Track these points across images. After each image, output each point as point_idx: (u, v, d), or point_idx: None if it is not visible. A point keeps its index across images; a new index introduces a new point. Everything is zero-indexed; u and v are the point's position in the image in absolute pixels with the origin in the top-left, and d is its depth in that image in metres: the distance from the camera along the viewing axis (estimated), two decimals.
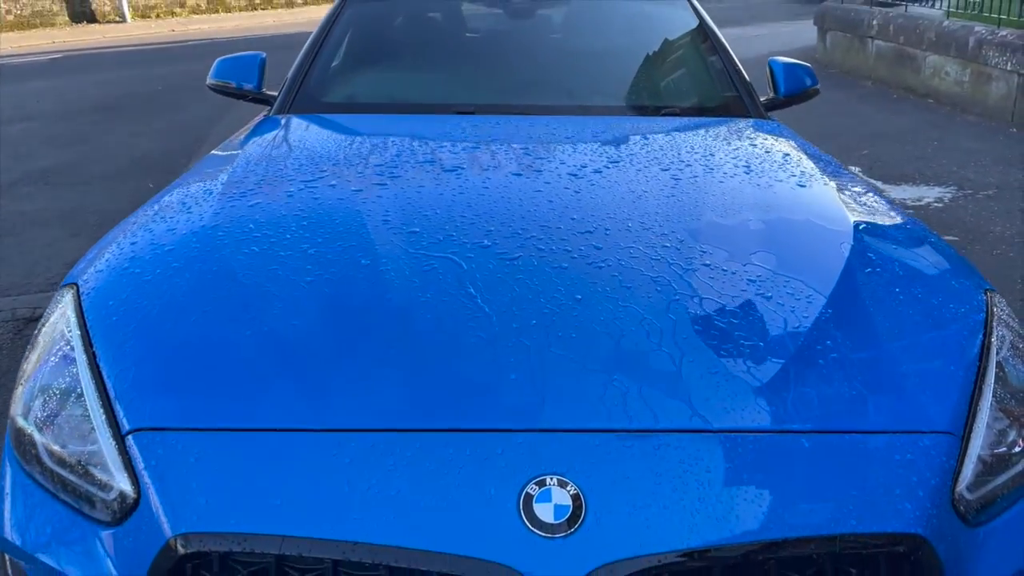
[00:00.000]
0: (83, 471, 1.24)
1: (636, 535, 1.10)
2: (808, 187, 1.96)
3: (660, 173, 1.95)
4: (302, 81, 2.63)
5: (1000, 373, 1.38)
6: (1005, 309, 1.56)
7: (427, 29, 3.11)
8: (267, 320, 1.38)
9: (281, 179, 1.90)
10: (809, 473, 1.18)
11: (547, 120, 2.39)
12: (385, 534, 1.09)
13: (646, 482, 1.14)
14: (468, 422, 1.21)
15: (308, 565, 1.10)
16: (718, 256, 1.57)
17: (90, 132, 7.09)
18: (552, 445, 1.17)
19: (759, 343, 1.34)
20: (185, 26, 16.90)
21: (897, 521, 1.15)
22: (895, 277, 1.57)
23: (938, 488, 1.20)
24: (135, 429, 1.22)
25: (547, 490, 1.12)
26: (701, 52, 2.88)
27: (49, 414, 1.31)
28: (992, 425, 1.31)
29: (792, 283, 1.50)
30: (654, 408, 1.22)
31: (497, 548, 1.08)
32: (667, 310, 1.40)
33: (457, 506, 1.11)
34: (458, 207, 1.73)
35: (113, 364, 1.32)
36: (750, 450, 1.18)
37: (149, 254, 1.59)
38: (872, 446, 1.22)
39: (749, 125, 2.46)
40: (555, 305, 1.40)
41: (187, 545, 1.11)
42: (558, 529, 1.10)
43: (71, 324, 1.42)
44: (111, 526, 1.19)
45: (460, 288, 1.44)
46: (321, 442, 1.18)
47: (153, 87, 9.34)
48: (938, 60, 7.36)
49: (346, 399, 1.24)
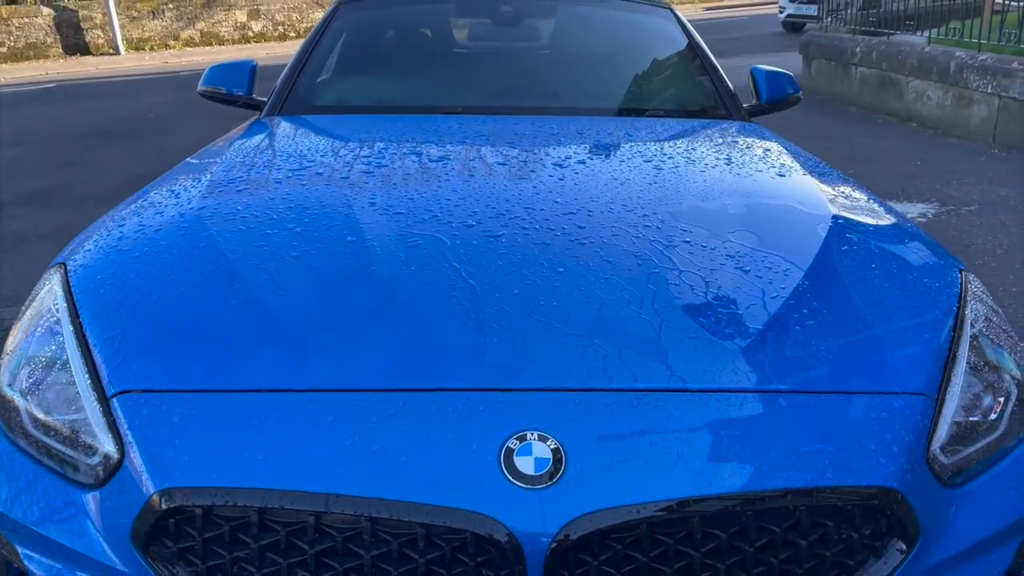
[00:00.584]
0: (68, 436, 1.24)
1: (615, 487, 1.11)
2: (788, 176, 2.00)
3: (643, 164, 1.99)
4: (292, 86, 2.67)
5: (974, 344, 1.41)
6: (979, 286, 1.59)
7: (417, 36, 3.17)
8: (252, 290, 1.39)
9: (270, 168, 1.93)
10: (785, 430, 1.19)
11: (532, 119, 2.43)
12: (367, 486, 1.10)
13: (626, 438, 1.16)
14: (450, 382, 1.22)
15: (291, 519, 1.11)
16: (698, 234, 1.60)
17: (82, 156, 7.14)
18: (533, 403, 1.19)
19: (737, 311, 1.37)
20: (179, 58, 17.06)
21: (872, 475, 1.17)
22: (872, 254, 1.60)
23: (912, 446, 1.22)
24: (120, 392, 1.23)
25: (528, 444, 1.13)
26: (685, 60, 2.94)
27: (35, 382, 1.32)
28: (966, 391, 1.33)
29: (771, 258, 1.52)
30: (634, 369, 1.24)
31: (478, 499, 1.09)
32: (647, 281, 1.42)
33: (439, 459, 1.12)
34: (443, 192, 1.76)
35: (99, 332, 1.33)
36: (728, 408, 1.20)
37: (137, 234, 1.61)
38: (847, 405, 1.24)
39: (732, 126, 2.51)
40: (538, 277, 1.42)
41: (169, 500, 1.12)
42: (538, 481, 1.11)
43: (58, 298, 1.43)
44: (94, 488, 1.20)
45: (444, 261, 1.46)
46: (304, 401, 1.20)
47: (145, 114, 9.42)
48: (920, 85, 7.49)
49: (329, 361, 1.25)
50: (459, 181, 1.83)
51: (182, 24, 19.45)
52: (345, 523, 1.10)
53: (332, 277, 1.44)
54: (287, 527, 1.11)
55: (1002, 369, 1.41)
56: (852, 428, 1.21)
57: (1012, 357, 1.44)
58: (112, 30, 18.11)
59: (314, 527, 1.10)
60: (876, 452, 1.19)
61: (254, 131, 2.37)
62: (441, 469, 1.12)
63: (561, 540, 1.08)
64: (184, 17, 19.46)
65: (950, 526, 1.24)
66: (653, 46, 3.01)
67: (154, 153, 7.05)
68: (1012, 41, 6.55)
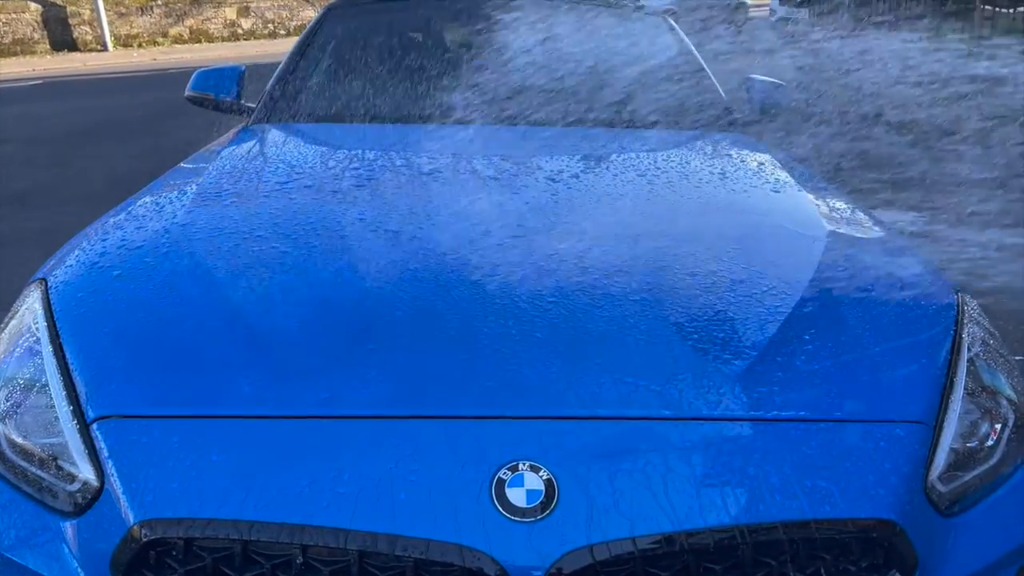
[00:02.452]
0: (47, 462, 1.21)
1: (609, 520, 1.09)
2: (782, 193, 1.98)
3: (636, 179, 1.97)
4: (281, 92, 2.64)
5: (971, 368, 1.39)
6: (976, 309, 1.57)
7: (408, 43, 3.14)
8: (235, 313, 1.36)
9: (257, 182, 1.90)
10: (782, 460, 1.17)
11: (524, 129, 2.41)
12: (354, 519, 1.07)
13: (619, 468, 1.13)
14: (439, 409, 1.19)
15: (275, 551, 1.08)
16: (692, 256, 1.58)
17: (68, 156, 7.05)
18: (524, 432, 1.16)
19: (732, 335, 1.35)
20: (167, 55, 16.96)
21: (870, 507, 1.15)
22: (868, 277, 1.58)
23: (911, 476, 1.20)
24: (99, 417, 1.20)
25: (519, 475, 1.11)
26: (678, 69, 2.93)
27: (13, 404, 1.28)
28: (964, 417, 1.31)
29: (766, 280, 1.51)
30: (626, 396, 1.21)
31: (469, 532, 1.07)
32: (640, 306, 1.40)
33: (428, 491, 1.10)
34: (433, 210, 1.73)
35: (79, 355, 1.29)
36: (722, 437, 1.18)
37: (119, 251, 1.57)
38: (845, 434, 1.22)
39: (726, 138, 2.50)
40: (529, 302, 1.40)
41: (150, 532, 1.09)
42: (530, 513, 1.08)
43: (38, 317, 1.40)
44: (73, 516, 1.17)
45: (434, 284, 1.44)
46: (288, 429, 1.17)
47: (133, 113, 9.33)
48: None
49: (314, 387, 1.22)
50: (449, 198, 1.80)
51: (171, 21, 19.35)
52: (332, 556, 1.07)
53: (318, 300, 1.41)
54: (271, 560, 1.08)
55: (999, 394, 1.39)
56: (850, 458, 1.19)
57: (1009, 381, 1.43)
58: (100, 26, 18.00)
59: (300, 561, 1.07)
60: (874, 483, 1.17)
61: (242, 139, 2.33)
62: (431, 500, 1.09)
63: (554, 575, 1.06)
64: (173, 14, 19.36)
65: (948, 556, 1.22)
66: (647, 56, 2.99)
67: (141, 153, 6.98)
68: None
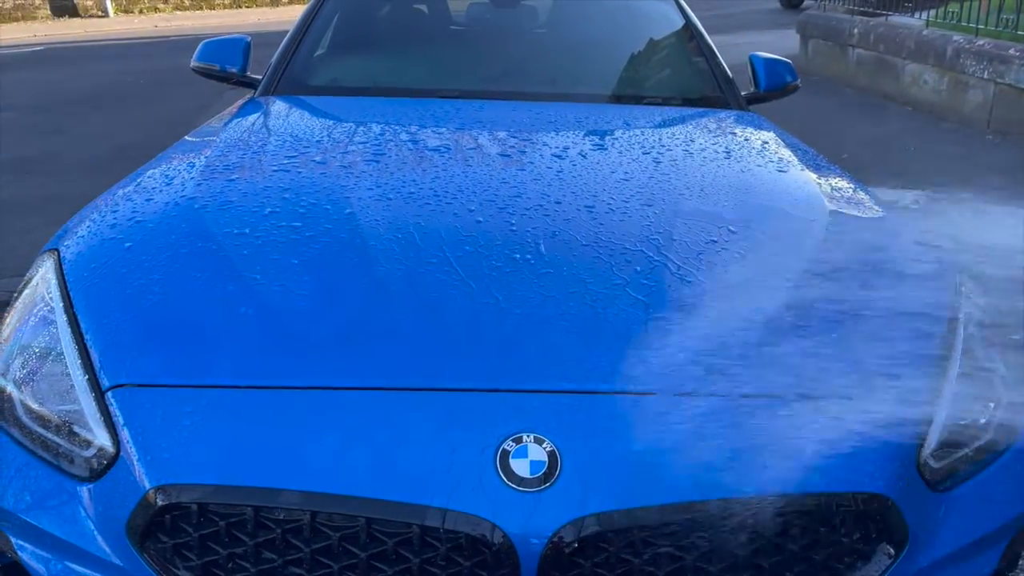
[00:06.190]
0: (62, 428, 1.24)
1: (611, 491, 1.12)
2: (787, 172, 1.99)
3: (641, 156, 1.98)
4: (287, 64, 2.64)
5: (966, 347, 1.42)
6: (973, 291, 1.60)
7: (413, 15, 3.13)
8: (246, 282, 1.38)
9: (263, 154, 1.91)
10: (778, 435, 1.20)
11: (529, 106, 2.42)
12: (363, 487, 1.11)
13: (621, 441, 1.16)
14: (446, 382, 1.22)
15: (287, 517, 1.11)
16: (697, 232, 1.59)
17: (69, 123, 7.03)
18: (530, 404, 1.19)
19: (737, 313, 1.37)
20: (168, 22, 16.81)
21: (864, 482, 1.18)
22: (867, 255, 1.60)
23: (904, 452, 1.24)
24: (115, 385, 1.22)
25: (523, 446, 1.14)
26: (684, 47, 2.92)
27: (28, 372, 1.31)
28: (958, 395, 1.34)
29: (769, 259, 1.53)
30: (630, 371, 1.24)
31: (474, 501, 1.10)
32: (646, 281, 1.42)
33: (434, 460, 1.13)
34: (440, 183, 1.75)
35: (93, 323, 1.32)
36: (721, 412, 1.21)
37: (130, 221, 1.59)
38: (840, 410, 1.24)
39: (730, 116, 2.50)
40: (536, 276, 1.42)
41: (165, 496, 1.12)
42: (533, 483, 1.11)
43: (51, 287, 1.42)
44: (89, 481, 1.20)
45: (441, 258, 1.45)
46: (299, 398, 1.19)
47: (134, 80, 9.28)
48: (917, 68, 7.46)
49: (324, 357, 1.25)
50: (456, 171, 1.82)
51: None
52: (341, 523, 1.11)
53: (328, 271, 1.43)
54: (283, 525, 1.11)
55: (993, 373, 1.42)
56: (844, 433, 1.22)
57: (1002, 361, 1.45)
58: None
59: (310, 526, 1.11)
60: (868, 458, 1.20)
61: (248, 111, 2.34)
62: (437, 470, 1.12)
63: (555, 543, 1.09)
64: None
65: (938, 530, 1.26)
66: (653, 33, 2.98)
67: (142, 122, 6.96)
68: (1010, 27, 6.52)
